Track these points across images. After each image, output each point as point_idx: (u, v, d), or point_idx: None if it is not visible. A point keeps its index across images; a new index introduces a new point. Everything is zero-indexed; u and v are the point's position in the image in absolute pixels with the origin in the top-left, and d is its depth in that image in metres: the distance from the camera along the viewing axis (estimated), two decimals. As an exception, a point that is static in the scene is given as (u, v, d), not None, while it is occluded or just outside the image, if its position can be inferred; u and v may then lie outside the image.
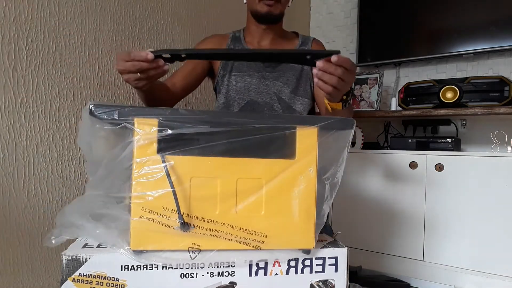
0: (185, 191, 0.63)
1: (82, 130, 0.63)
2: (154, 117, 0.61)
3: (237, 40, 1.25)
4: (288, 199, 0.68)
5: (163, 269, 0.63)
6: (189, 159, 0.63)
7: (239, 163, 0.65)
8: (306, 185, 0.68)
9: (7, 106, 1.04)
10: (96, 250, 0.64)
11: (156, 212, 0.62)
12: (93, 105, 0.60)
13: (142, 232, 0.62)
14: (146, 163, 0.62)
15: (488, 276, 1.58)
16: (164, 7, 1.49)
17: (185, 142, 0.63)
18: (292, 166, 0.67)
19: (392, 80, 2.29)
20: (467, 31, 1.96)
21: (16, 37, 1.05)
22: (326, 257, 0.72)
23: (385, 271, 1.83)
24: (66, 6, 1.16)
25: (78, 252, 0.62)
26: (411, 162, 1.77)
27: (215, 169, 0.65)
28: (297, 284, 0.70)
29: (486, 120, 1.97)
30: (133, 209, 0.62)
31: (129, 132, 0.62)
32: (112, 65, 1.31)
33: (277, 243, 0.68)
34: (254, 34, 1.22)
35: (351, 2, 2.41)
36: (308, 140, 0.68)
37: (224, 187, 0.65)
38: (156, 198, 0.62)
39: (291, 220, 0.68)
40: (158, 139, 0.62)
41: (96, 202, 0.66)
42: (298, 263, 0.70)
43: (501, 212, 1.56)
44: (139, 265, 0.63)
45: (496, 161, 1.58)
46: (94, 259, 0.62)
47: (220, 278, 0.66)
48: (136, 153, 0.62)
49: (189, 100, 1.62)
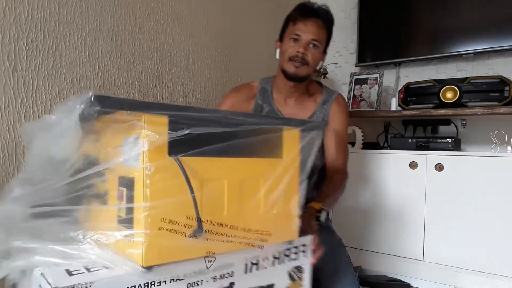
0: (198, 195, 0.58)
1: (61, 125, 0.53)
2: (164, 114, 0.54)
3: (265, 95, 1.33)
4: (280, 195, 0.71)
5: (171, 282, 0.57)
6: (199, 160, 0.59)
7: (243, 163, 0.66)
8: (292, 181, 0.73)
9: (7, 106, 1.04)
10: (93, 275, 0.52)
11: (175, 222, 0.55)
12: (96, 96, 0.49)
13: (154, 246, 0.54)
14: (160, 167, 0.54)
15: (488, 276, 1.58)
16: (164, 7, 1.49)
17: (195, 142, 0.57)
18: (281, 165, 0.71)
19: (392, 80, 2.29)
20: (467, 31, 1.95)
21: (16, 37, 1.05)
22: (300, 245, 0.78)
23: (385, 271, 1.83)
24: (66, 6, 1.16)
25: (75, 281, 0.50)
26: (411, 162, 1.77)
27: (222, 170, 0.63)
28: (279, 274, 0.75)
29: (486, 120, 1.97)
30: (147, 220, 0.53)
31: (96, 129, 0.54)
32: (112, 65, 1.31)
33: (274, 239, 0.71)
34: (281, 89, 1.30)
35: (351, 2, 2.41)
36: (292, 140, 0.73)
37: (230, 188, 0.64)
38: (172, 206, 0.55)
39: (283, 215, 0.72)
40: (170, 140, 0.55)
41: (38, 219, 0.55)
42: (281, 254, 0.75)
43: (501, 212, 1.56)
44: (146, 283, 0.55)
45: (496, 161, 1.58)
46: (98, 285, 0.51)
47: (222, 281, 0.65)
48: (149, 155, 0.53)
49: (190, 100, 1.62)
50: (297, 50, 1.20)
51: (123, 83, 1.35)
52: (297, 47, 1.20)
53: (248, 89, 1.35)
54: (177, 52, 1.55)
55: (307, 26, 1.19)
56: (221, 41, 1.77)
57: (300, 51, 1.19)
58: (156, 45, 1.47)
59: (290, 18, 1.24)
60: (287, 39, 1.23)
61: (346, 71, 2.40)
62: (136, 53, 1.39)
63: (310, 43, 1.20)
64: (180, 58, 1.57)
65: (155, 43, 1.46)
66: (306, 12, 1.21)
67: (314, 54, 1.21)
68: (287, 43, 1.23)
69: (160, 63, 1.48)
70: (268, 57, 2.11)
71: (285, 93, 1.30)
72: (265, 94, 1.33)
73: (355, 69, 2.36)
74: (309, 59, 1.21)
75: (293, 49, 1.20)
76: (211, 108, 0.64)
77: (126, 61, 1.35)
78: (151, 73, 1.45)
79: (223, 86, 1.80)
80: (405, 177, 1.78)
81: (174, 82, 1.54)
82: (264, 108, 1.32)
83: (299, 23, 1.20)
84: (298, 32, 1.20)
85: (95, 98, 0.48)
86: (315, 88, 1.36)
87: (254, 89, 1.34)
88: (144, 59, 1.42)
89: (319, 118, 1.31)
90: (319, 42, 1.21)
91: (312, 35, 1.19)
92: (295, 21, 1.21)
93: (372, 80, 2.19)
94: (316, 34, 1.20)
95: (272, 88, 1.33)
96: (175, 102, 1.56)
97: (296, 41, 1.20)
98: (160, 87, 1.49)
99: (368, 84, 2.20)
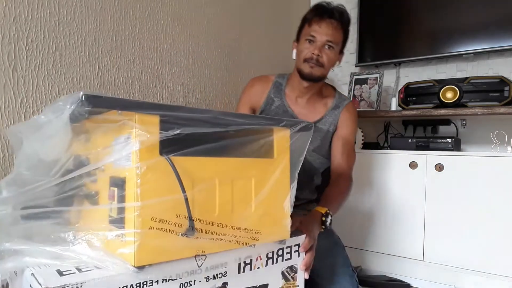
0: (189, 194, 0.59)
1: (51, 125, 0.52)
2: (155, 114, 0.54)
3: (278, 89, 1.34)
4: (270, 195, 0.71)
5: (163, 282, 0.57)
6: (190, 160, 0.59)
7: (234, 163, 0.67)
8: (283, 181, 0.74)
9: (7, 106, 1.04)
10: (84, 275, 0.52)
11: (165, 221, 0.55)
12: (86, 95, 0.49)
13: (146, 245, 0.54)
14: (151, 166, 0.54)
15: (488, 276, 1.58)
16: (164, 7, 1.49)
17: (186, 142, 0.58)
18: (272, 165, 0.72)
19: (392, 80, 2.29)
20: (467, 31, 1.95)
21: (16, 37, 1.04)
22: (293, 245, 0.79)
23: (385, 271, 1.82)
24: (66, 6, 1.16)
25: (66, 281, 0.50)
26: (411, 162, 1.77)
27: (213, 170, 0.63)
28: (273, 273, 0.75)
29: (486, 120, 1.97)
30: (138, 220, 0.53)
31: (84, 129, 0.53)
32: (112, 65, 1.31)
33: (266, 238, 0.71)
34: (295, 87, 1.31)
35: (351, 2, 2.41)
36: (283, 140, 0.74)
37: (221, 187, 0.64)
38: (163, 205, 0.55)
39: (274, 215, 0.73)
40: (161, 139, 0.55)
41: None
42: (274, 254, 0.75)
43: (501, 212, 1.56)
44: (138, 283, 0.55)
45: (496, 161, 1.58)
46: (88, 286, 0.50)
47: (215, 281, 0.65)
48: (140, 155, 0.53)
49: (190, 100, 1.62)
50: (312, 52, 1.20)
51: (123, 83, 1.35)
52: (312, 49, 1.20)
53: (264, 81, 1.36)
54: (177, 52, 1.55)
55: (322, 27, 1.19)
56: (221, 41, 1.77)
57: (315, 53, 1.20)
58: (156, 45, 1.46)
59: (306, 19, 1.24)
60: (302, 40, 1.24)
61: (346, 71, 2.40)
62: (136, 53, 1.39)
63: (325, 45, 1.20)
64: (180, 58, 1.56)
65: (155, 43, 1.46)
66: (321, 13, 1.20)
67: (329, 55, 1.22)
68: (302, 44, 1.23)
69: (160, 63, 1.48)
70: (268, 57, 2.11)
71: (298, 92, 1.31)
72: (278, 89, 1.34)
73: (355, 69, 2.36)
74: (324, 60, 1.21)
75: (308, 50, 1.21)
76: (202, 108, 0.63)
77: (126, 61, 1.35)
78: (151, 73, 1.45)
79: (223, 86, 1.80)
80: (405, 177, 1.78)
81: (174, 82, 1.54)
82: (275, 102, 1.33)
83: (314, 24, 1.20)
84: (313, 34, 1.20)
85: (85, 97, 0.48)
86: (328, 92, 1.36)
87: (270, 81, 1.36)
88: (144, 59, 1.42)
89: (328, 123, 1.32)
90: (335, 43, 1.21)
91: (327, 37, 1.19)
92: (310, 22, 1.21)
93: (372, 80, 2.19)
94: (331, 35, 1.19)
95: (286, 84, 1.34)
96: (175, 102, 1.56)
97: (311, 42, 1.21)
98: (160, 87, 1.49)
99: (368, 84, 2.20)
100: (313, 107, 1.32)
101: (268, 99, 1.34)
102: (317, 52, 1.19)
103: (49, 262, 0.55)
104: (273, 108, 1.33)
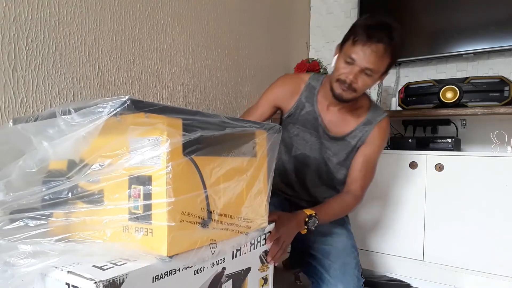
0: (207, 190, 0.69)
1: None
2: (179, 117, 0.62)
3: (311, 93, 1.28)
4: (256, 189, 0.82)
5: (183, 270, 0.65)
6: (204, 159, 0.68)
7: (235, 162, 0.77)
8: (264, 176, 0.85)
9: (7, 106, 1.04)
10: (123, 268, 0.55)
11: (193, 214, 0.64)
12: (132, 100, 0.53)
13: (176, 236, 0.62)
14: (178, 166, 0.61)
15: (488, 276, 1.58)
16: (164, 7, 1.49)
17: (198, 143, 0.66)
18: (257, 162, 0.82)
19: (392, 80, 2.29)
20: (467, 31, 1.95)
21: (16, 37, 1.04)
22: (267, 232, 0.90)
23: (385, 271, 1.83)
24: (66, 6, 1.16)
25: (112, 273, 0.52)
26: (411, 162, 1.77)
27: (220, 167, 0.72)
28: (254, 258, 0.87)
29: (486, 120, 1.97)
30: (172, 214, 0.60)
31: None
32: (112, 65, 1.31)
33: (255, 226, 0.84)
34: (327, 95, 1.23)
35: (351, 2, 2.41)
36: (263, 141, 0.84)
37: (227, 182, 0.74)
38: (191, 200, 0.64)
39: (259, 206, 0.84)
40: (184, 142, 0.62)
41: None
42: (255, 241, 0.86)
43: (501, 212, 1.56)
44: (167, 272, 0.61)
45: (496, 161, 1.58)
46: (132, 276, 0.54)
47: (217, 266, 0.74)
48: (170, 155, 0.60)
49: (190, 100, 1.62)
50: (347, 75, 1.10)
51: (123, 83, 1.34)
52: (348, 72, 1.10)
53: (296, 82, 1.29)
54: (177, 52, 1.55)
55: (365, 53, 1.06)
56: (221, 41, 1.77)
57: (349, 78, 1.10)
58: (156, 45, 1.46)
59: (352, 34, 1.10)
60: (342, 56, 1.12)
61: (346, 71, 2.40)
62: (136, 53, 1.39)
63: (364, 72, 1.09)
64: (180, 58, 1.56)
65: (155, 43, 1.46)
66: (369, 36, 1.05)
67: (366, 81, 1.11)
68: (340, 62, 1.12)
69: (160, 63, 1.48)
70: (268, 57, 2.11)
71: (330, 100, 1.23)
72: (311, 93, 1.27)
73: (355, 69, 2.35)
74: (358, 86, 1.11)
75: (344, 72, 1.10)
76: (211, 113, 0.70)
77: (126, 61, 1.35)
78: (151, 73, 1.45)
79: (222, 86, 1.80)
80: (405, 177, 1.78)
81: (174, 82, 1.54)
82: (305, 107, 1.27)
83: (358, 46, 1.07)
84: (354, 56, 1.07)
85: (131, 102, 0.53)
86: (363, 102, 1.27)
87: (302, 83, 1.28)
88: (144, 59, 1.42)
89: (357, 137, 1.25)
90: (374, 72, 1.09)
91: (368, 64, 1.07)
92: (355, 42, 1.07)
93: (372, 80, 2.19)
94: (373, 63, 1.07)
95: (319, 88, 1.27)
96: (175, 102, 1.56)
97: (350, 64, 1.09)
98: (160, 87, 1.49)
99: (368, 84, 2.20)
100: (345, 119, 1.25)
101: (299, 103, 1.27)
102: (352, 78, 1.09)
103: (73, 261, 0.57)
104: (303, 113, 1.27)
